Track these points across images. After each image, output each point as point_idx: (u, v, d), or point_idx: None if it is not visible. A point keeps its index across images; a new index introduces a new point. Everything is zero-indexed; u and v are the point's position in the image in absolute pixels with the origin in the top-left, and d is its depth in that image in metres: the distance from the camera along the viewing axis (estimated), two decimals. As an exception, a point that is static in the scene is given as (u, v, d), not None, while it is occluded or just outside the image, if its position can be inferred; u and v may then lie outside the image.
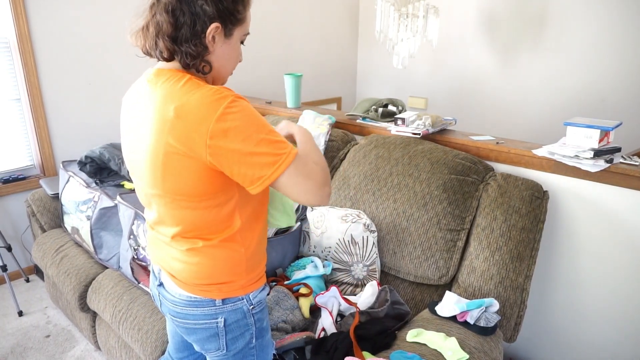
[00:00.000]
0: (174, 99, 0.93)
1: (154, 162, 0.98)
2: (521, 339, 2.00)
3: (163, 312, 1.23)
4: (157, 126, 0.95)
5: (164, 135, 0.93)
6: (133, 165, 1.10)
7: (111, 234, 2.06)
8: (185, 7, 0.93)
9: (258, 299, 1.15)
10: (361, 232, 1.78)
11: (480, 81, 3.76)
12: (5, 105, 2.68)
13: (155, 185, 1.03)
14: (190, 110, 0.91)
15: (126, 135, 1.09)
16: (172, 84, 0.96)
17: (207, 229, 1.07)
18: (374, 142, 2.07)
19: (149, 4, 0.97)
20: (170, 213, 1.06)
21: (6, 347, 2.25)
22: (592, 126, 1.70)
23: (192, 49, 0.95)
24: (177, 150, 0.93)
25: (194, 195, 1.00)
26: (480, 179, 1.84)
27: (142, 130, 1.00)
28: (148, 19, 0.97)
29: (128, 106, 1.08)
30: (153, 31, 0.96)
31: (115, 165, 2.22)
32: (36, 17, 2.62)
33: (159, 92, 0.97)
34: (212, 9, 0.95)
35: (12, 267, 2.78)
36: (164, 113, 0.93)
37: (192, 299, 1.11)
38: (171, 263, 1.12)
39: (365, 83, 4.55)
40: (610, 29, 3.07)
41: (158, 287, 1.19)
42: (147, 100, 0.99)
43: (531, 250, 1.66)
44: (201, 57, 0.98)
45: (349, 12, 4.34)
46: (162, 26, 0.94)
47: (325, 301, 1.62)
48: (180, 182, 0.98)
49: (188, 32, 0.94)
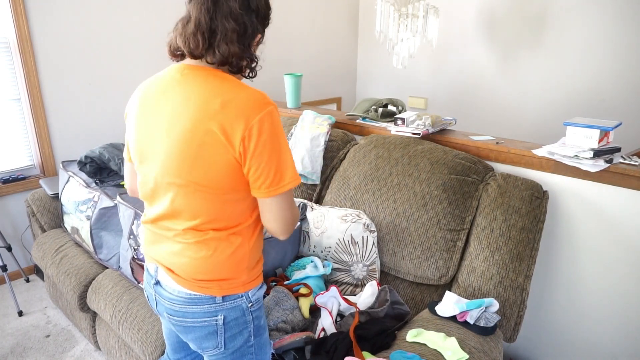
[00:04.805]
0: (220, 93, 1.01)
1: (187, 149, 1.02)
2: (521, 338, 2.00)
3: (158, 313, 1.23)
4: (198, 115, 1.00)
5: (204, 123, 0.99)
6: (147, 152, 1.10)
7: (111, 234, 2.06)
8: (247, 17, 1.05)
9: (256, 297, 1.16)
10: (361, 232, 1.78)
11: (480, 81, 3.76)
12: (5, 105, 2.68)
13: (179, 174, 1.04)
14: (238, 104, 1.00)
15: (141, 124, 1.10)
16: (215, 80, 1.04)
17: (222, 221, 1.09)
18: (373, 142, 2.07)
19: (198, 6, 1.04)
20: (190, 204, 1.07)
21: (6, 347, 2.25)
22: (591, 126, 1.70)
23: (249, 54, 1.08)
24: (215, 138, 0.99)
25: (218, 188, 1.04)
26: (480, 179, 1.84)
27: (173, 119, 1.03)
28: (209, 22, 1.04)
29: (148, 96, 1.11)
30: (221, 37, 1.04)
31: (115, 165, 2.22)
32: (36, 17, 2.62)
33: (201, 85, 1.03)
34: (258, 20, 1.09)
35: (12, 267, 2.79)
36: (209, 105, 1.00)
37: (192, 296, 1.11)
38: (173, 259, 1.12)
39: (365, 83, 4.55)
40: (610, 29, 3.07)
41: (154, 285, 1.19)
42: (182, 91, 1.04)
43: (531, 250, 1.66)
44: (252, 62, 1.11)
45: (349, 12, 4.34)
46: (229, 32, 1.03)
47: (325, 301, 1.62)
48: (210, 172, 1.02)
49: (249, 39, 1.07)
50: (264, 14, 1.10)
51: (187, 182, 1.04)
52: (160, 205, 1.12)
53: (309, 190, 2.22)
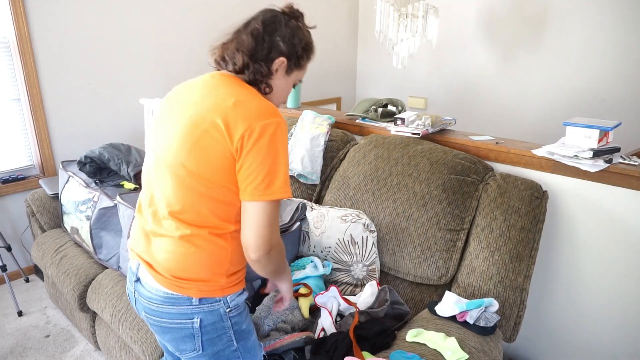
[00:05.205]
0: (236, 95, 1.10)
1: (189, 135, 1.08)
2: (521, 338, 2.00)
3: (137, 311, 1.24)
4: (209, 108, 1.08)
5: (212, 116, 1.06)
6: (158, 134, 1.17)
7: (111, 234, 2.06)
8: (267, 37, 1.16)
9: (236, 302, 1.17)
10: (361, 232, 1.78)
11: (480, 81, 3.76)
12: (5, 105, 2.68)
13: (176, 156, 1.09)
14: (247, 106, 1.07)
15: (164, 110, 1.20)
16: (238, 86, 1.14)
17: (205, 218, 1.10)
18: (373, 142, 2.07)
19: (236, 27, 1.19)
20: (178, 191, 1.10)
21: (6, 347, 2.25)
22: (591, 126, 1.70)
23: (262, 68, 1.15)
24: (218, 130, 1.05)
25: (208, 179, 1.07)
26: (480, 179, 1.84)
27: (187, 107, 1.12)
28: (233, 37, 1.19)
29: (178, 89, 1.22)
30: (235, 46, 1.17)
31: (114, 165, 2.21)
32: (36, 17, 2.62)
33: (222, 86, 1.13)
34: (285, 47, 1.17)
35: (12, 267, 2.78)
36: (223, 101, 1.08)
37: (169, 295, 1.12)
38: (154, 254, 1.14)
39: (365, 83, 4.55)
40: (610, 29, 3.07)
41: (135, 282, 1.20)
42: (204, 87, 1.15)
43: (530, 250, 1.67)
44: (266, 79, 1.18)
45: (348, 12, 4.35)
46: (244, 44, 1.15)
47: (324, 301, 1.62)
48: (203, 159, 1.07)
49: (262, 54, 1.15)
50: (292, 43, 1.18)
51: (181, 165, 1.08)
52: (154, 189, 1.17)
53: (308, 190, 2.22)
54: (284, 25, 1.17)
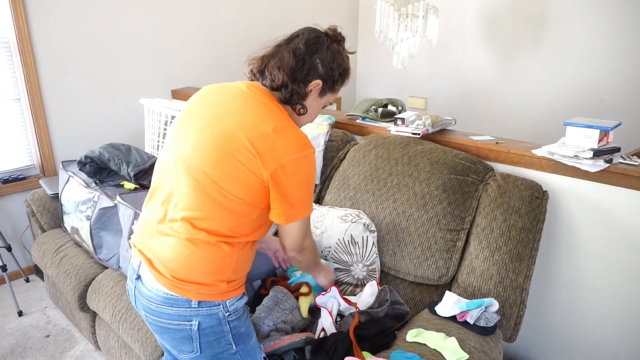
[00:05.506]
0: (276, 121, 1.12)
1: (220, 148, 1.09)
2: (521, 338, 2.00)
3: (137, 309, 1.24)
4: (247, 125, 1.10)
5: (249, 134, 1.09)
6: (184, 129, 1.17)
7: (111, 234, 2.06)
8: (307, 57, 1.17)
9: (235, 307, 1.17)
10: (361, 232, 1.78)
11: (480, 81, 3.76)
12: (5, 105, 2.68)
13: (203, 162, 1.10)
14: (284, 136, 1.10)
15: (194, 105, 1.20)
16: (276, 109, 1.16)
17: (218, 226, 1.10)
18: (373, 142, 2.07)
19: (278, 41, 1.20)
20: (196, 197, 1.10)
21: (6, 347, 2.25)
22: (591, 126, 1.70)
23: (301, 90, 1.17)
24: (250, 152, 1.07)
25: (231, 193, 1.09)
26: (480, 179, 1.84)
27: (223, 115, 1.13)
28: (274, 51, 1.19)
29: (213, 89, 1.23)
30: (275, 62, 1.17)
31: (115, 165, 2.21)
32: (36, 17, 2.62)
33: (264, 108, 1.14)
34: (323, 70, 1.19)
35: (12, 267, 2.78)
36: (262, 124, 1.10)
37: (169, 296, 1.11)
38: (157, 251, 1.13)
39: (365, 83, 4.55)
40: (610, 29, 3.07)
41: (136, 280, 1.20)
42: (243, 99, 1.16)
43: (531, 250, 1.67)
44: (302, 100, 1.19)
45: (348, 12, 4.34)
46: (285, 61, 1.16)
47: (325, 301, 1.62)
48: (231, 174, 1.08)
49: (301, 75, 1.17)
50: (330, 67, 1.20)
51: (203, 173, 1.09)
52: (170, 187, 1.16)
53: (308, 190, 2.22)
54: (326, 48, 1.19)
